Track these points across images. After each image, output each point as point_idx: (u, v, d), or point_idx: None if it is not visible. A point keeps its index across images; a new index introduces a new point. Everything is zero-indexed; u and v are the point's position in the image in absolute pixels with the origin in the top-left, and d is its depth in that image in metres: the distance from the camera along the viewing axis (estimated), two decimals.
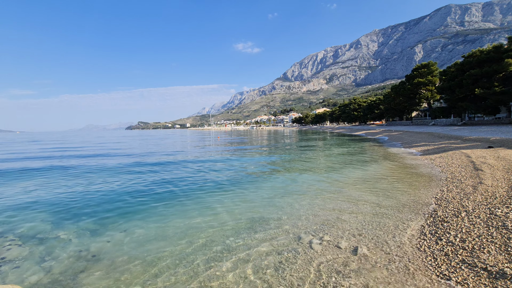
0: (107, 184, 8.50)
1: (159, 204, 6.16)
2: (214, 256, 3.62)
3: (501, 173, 6.56)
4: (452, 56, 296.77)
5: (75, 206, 6.19)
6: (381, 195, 6.16)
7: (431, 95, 43.15)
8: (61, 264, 3.56)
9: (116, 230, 4.67)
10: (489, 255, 3.00)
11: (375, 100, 76.16)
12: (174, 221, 5.05)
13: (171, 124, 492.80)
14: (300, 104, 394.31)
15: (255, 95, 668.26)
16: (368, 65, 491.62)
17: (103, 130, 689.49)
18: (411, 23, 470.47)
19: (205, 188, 7.67)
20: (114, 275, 3.26)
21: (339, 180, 8.12)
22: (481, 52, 29.94)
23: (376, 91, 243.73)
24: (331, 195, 6.37)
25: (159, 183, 8.47)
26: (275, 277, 3.05)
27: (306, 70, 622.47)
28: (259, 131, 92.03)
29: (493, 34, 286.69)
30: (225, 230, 4.51)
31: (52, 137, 62.55)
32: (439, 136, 20.05)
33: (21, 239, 4.41)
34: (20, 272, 3.41)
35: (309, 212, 5.19)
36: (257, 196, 6.61)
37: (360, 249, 3.54)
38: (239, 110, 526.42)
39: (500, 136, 13.87)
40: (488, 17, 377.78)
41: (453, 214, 4.40)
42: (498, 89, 25.90)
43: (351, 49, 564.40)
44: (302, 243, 3.87)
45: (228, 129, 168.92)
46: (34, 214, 5.67)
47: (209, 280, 3.08)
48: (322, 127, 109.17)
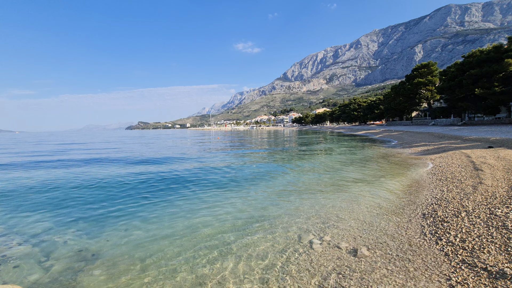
0: (107, 183, 8.49)
1: (159, 204, 6.15)
2: (214, 256, 3.61)
3: (501, 173, 6.56)
4: (452, 56, 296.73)
5: (75, 205, 6.18)
6: (381, 195, 6.16)
7: (431, 95, 43.13)
8: (60, 264, 3.56)
9: (116, 230, 4.67)
10: (489, 255, 3.00)
11: (375, 100, 76.14)
12: (174, 220, 5.04)
13: (171, 124, 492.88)
14: (300, 104, 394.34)
15: (255, 95, 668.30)
16: (368, 65, 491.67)
17: (103, 130, 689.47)
18: (411, 23, 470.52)
19: (205, 187, 7.67)
20: (114, 274, 3.25)
21: (339, 180, 8.12)
22: (481, 52, 29.93)
23: (376, 91, 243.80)
24: (331, 195, 6.37)
25: (158, 183, 8.47)
26: (275, 278, 3.05)
27: (306, 70, 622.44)
28: (259, 131, 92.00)
29: (493, 34, 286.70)
30: (225, 230, 4.50)
31: (50, 138, 62.54)
32: (439, 136, 20.05)
33: (21, 238, 4.40)
34: (20, 271, 3.41)
35: (309, 212, 5.19)
36: (257, 196, 6.61)
37: (360, 249, 3.53)
38: (239, 110, 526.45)
39: (500, 136, 13.87)
40: (488, 17, 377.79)
41: (453, 214, 4.40)
42: (498, 89, 25.90)
43: (351, 49, 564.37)
44: (302, 242, 3.87)
45: (228, 129, 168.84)
46: (34, 214, 5.67)
47: (209, 279, 3.08)
48: (322, 127, 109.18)
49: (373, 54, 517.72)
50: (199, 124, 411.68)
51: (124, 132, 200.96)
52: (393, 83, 69.61)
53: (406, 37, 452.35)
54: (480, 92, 27.10)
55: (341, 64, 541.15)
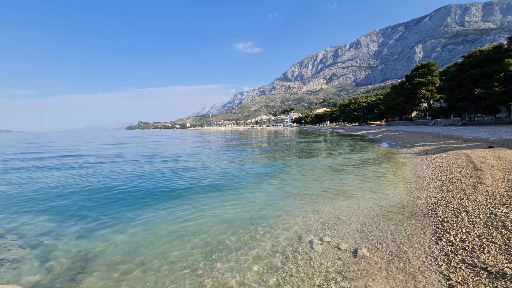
0: (108, 185, 8.49)
1: (159, 205, 6.15)
2: (214, 256, 3.61)
3: (501, 173, 6.56)
4: (452, 56, 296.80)
5: (75, 207, 6.18)
6: (380, 196, 6.15)
7: (431, 95, 43.12)
8: (60, 264, 3.56)
9: (116, 231, 4.67)
10: (489, 255, 3.00)
11: (375, 100, 76.13)
12: (174, 221, 5.04)
13: (171, 124, 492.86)
14: (300, 104, 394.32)
15: (255, 95, 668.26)
16: (368, 65, 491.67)
17: (103, 130, 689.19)
18: (411, 23, 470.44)
19: (205, 188, 7.67)
20: (114, 275, 3.25)
21: (339, 180, 8.12)
22: (481, 52, 29.91)
23: (376, 91, 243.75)
24: (331, 195, 6.36)
25: (158, 184, 8.47)
26: (275, 278, 3.05)
27: (306, 70, 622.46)
28: (259, 131, 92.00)
29: (493, 34, 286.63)
30: (226, 230, 4.50)
31: (44, 139, 62.45)
32: (439, 136, 20.05)
33: (21, 239, 4.40)
34: (20, 272, 3.41)
35: (309, 212, 5.19)
36: (257, 196, 6.60)
37: (360, 250, 3.53)
38: (239, 110, 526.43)
39: (500, 136, 13.87)
40: (488, 17, 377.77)
41: (453, 214, 4.40)
42: (498, 89, 25.89)
43: (351, 49, 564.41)
44: (302, 243, 3.87)
45: (228, 129, 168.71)
46: (34, 214, 5.67)
47: (209, 280, 3.08)
48: (322, 127, 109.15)
49: (373, 54, 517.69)
50: (199, 124, 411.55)
51: (124, 132, 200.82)
52: (393, 83, 69.59)
53: (406, 37, 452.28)
54: (480, 92, 27.09)
55: (341, 64, 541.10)
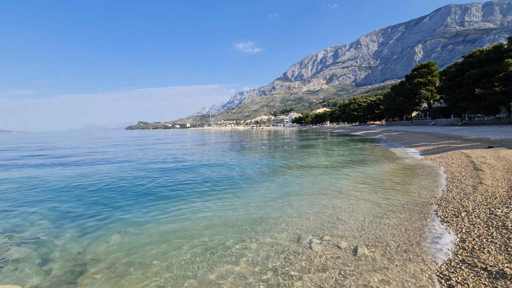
0: (108, 185, 8.49)
1: (160, 206, 6.15)
2: (214, 257, 3.61)
3: (501, 173, 6.55)
4: (452, 56, 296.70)
5: (75, 207, 6.18)
6: (380, 195, 6.15)
7: (431, 95, 43.11)
8: (60, 266, 3.56)
9: (116, 232, 4.66)
10: (489, 255, 3.00)
11: (375, 100, 76.11)
12: (174, 223, 5.04)
13: (171, 124, 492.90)
14: (300, 104, 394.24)
15: (255, 95, 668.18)
16: (368, 65, 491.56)
17: (103, 130, 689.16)
18: (411, 23, 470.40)
19: (205, 188, 7.67)
20: (114, 277, 3.25)
21: (339, 180, 8.12)
22: (481, 52, 29.91)
23: (376, 91, 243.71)
24: (331, 195, 6.36)
25: (158, 185, 8.47)
26: (275, 277, 3.05)
27: (306, 70, 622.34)
28: (259, 131, 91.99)
29: (493, 34, 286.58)
30: (225, 231, 4.50)
31: (44, 139, 62.46)
32: (439, 136, 20.04)
33: (21, 240, 4.40)
34: (20, 272, 3.41)
35: (309, 212, 5.18)
36: (257, 196, 6.60)
37: (360, 249, 3.53)
38: (239, 110, 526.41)
39: (500, 136, 13.86)
40: (488, 17, 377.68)
41: (453, 214, 4.40)
42: (498, 89, 25.88)
43: (351, 49, 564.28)
44: (301, 243, 3.87)
45: (228, 129, 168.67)
46: (34, 215, 5.67)
47: (208, 280, 3.08)
48: (322, 127, 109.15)
49: (373, 54, 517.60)
50: (199, 124, 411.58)
51: (123, 132, 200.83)
52: (393, 83, 69.61)
53: (406, 37, 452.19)
54: (480, 92, 27.09)
55: (341, 64, 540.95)
